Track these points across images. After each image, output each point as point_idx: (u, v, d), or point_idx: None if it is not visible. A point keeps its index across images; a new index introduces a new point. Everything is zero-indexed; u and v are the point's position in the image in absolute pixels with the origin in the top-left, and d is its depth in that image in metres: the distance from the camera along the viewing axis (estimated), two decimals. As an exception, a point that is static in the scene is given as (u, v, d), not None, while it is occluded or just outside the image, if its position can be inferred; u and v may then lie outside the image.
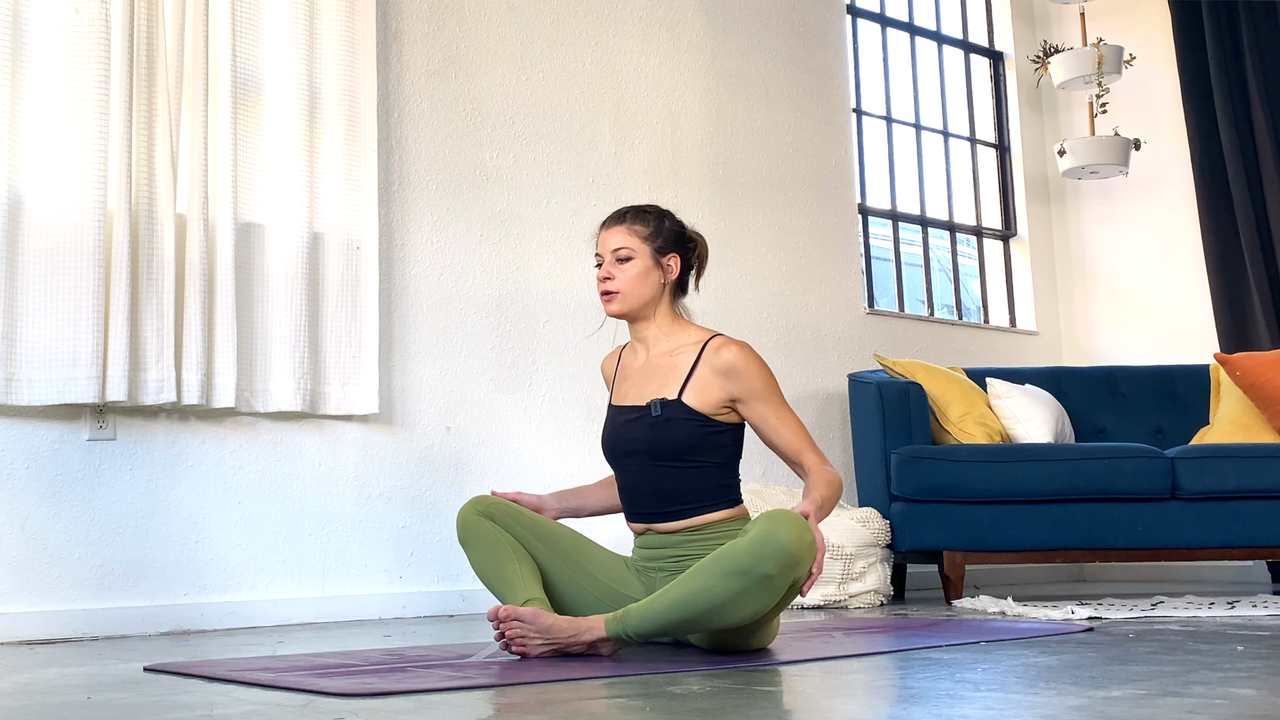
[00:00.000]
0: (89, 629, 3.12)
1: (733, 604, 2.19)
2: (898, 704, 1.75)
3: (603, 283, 2.52)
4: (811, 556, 2.21)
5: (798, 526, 2.18)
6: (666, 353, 2.54)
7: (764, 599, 2.20)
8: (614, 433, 2.56)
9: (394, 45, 3.91)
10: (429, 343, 3.86)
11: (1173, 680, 1.85)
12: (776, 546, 2.15)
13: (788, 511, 2.21)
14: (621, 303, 2.52)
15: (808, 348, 4.82)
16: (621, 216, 2.55)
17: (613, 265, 2.52)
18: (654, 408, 2.47)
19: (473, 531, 2.55)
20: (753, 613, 2.22)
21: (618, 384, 2.63)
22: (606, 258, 2.53)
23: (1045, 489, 3.95)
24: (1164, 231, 5.62)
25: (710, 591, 2.19)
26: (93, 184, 3.14)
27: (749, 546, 2.18)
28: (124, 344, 3.13)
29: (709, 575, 2.20)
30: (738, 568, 2.17)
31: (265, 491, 3.48)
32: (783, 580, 2.18)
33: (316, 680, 1.98)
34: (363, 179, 3.67)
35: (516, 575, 2.49)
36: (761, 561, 2.16)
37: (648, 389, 2.52)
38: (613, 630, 2.28)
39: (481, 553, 2.54)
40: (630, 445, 2.51)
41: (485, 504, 2.57)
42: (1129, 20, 5.76)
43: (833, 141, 5.07)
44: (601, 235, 2.57)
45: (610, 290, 2.51)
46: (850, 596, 3.88)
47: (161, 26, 3.32)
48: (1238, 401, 4.40)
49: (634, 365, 2.60)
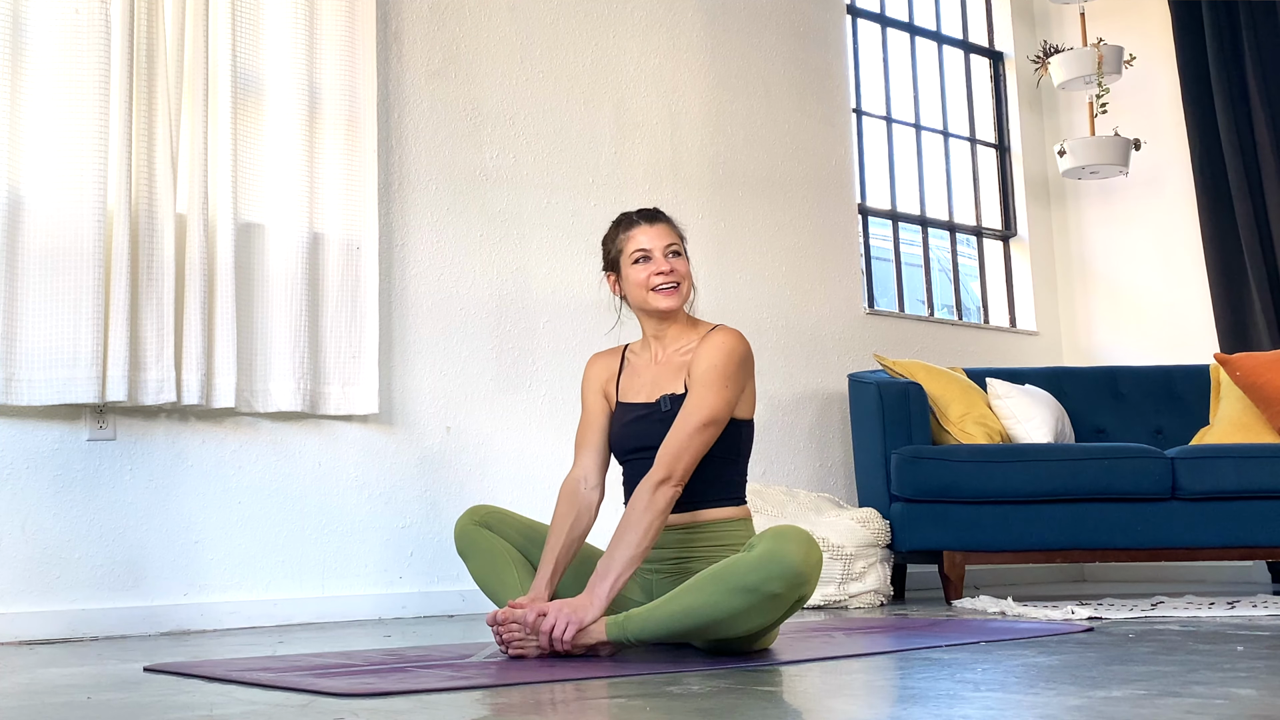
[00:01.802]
0: (89, 629, 3.12)
1: (737, 619, 2.19)
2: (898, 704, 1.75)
3: (666, 275, 2.51)
4: (818, 572, 2.20)
5: (805, 544, 2.18)
6: (678, 350, 2.57)
7: (769, 615, 2.21)
8: (623, 429, 2.56)
9: (394, 45, 3.91)
10: (429, 343, 3.86)
11: (1173, 680, 1.85)
12: (784, 566, 2.15)
13: (795, 528, 2.21)
14: (680, 296, 2.53)
15: (808, 348, 4.82)
16: (658, 214, 2.58)
17: (669, 260, 2.53)
18: (664, 403, 2.50)
19: (470, 541, 2.57)
20: (756, 626, 2.23)
21: (626, 381, 2.62)
22: (657, 252, 2.53)
23: (1045, 489, 3.95)
24: (1164, 231, 5.62)
25: (715, 606, 2.19)
26: (93, 184, 3.14)
27: (756, 564, 2.17)
28: (124, 344, 3.13)
29: (714, 590, 2.19)
30: (744, 585, 2.17)
31: (265, 491, 3.48)
32: (789, 598, 2.19)
33: (316, 680, 1.98)
34: (363, 179, 3.67)
35: (515, 582, 2.51)
36: (769, 581, 2.16)
37: (658, 386, 2.54)
38: (613, 634, 2.28)
39: (480, 561, 2.56)
40: (640, 441, 2.51)
41: (481, 513, 2.59)
42: (1129, 20, 5.76)
43: (833, 141, 5.07)
44: (645, 230, 2.55)
45: (675, 282, 2.52)
46: (850, 596, 3.88)
47: (161, 26, 3.32)
48: (1238, 401, 4.40)
49: (644, 363, 2.61)
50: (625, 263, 2.56)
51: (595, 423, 2.62)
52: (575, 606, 2.28)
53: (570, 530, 2.49)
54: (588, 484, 2.56)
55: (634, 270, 2.54)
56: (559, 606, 2.28)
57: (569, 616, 2.26)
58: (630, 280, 2.55)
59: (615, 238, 2.59)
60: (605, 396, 2.65)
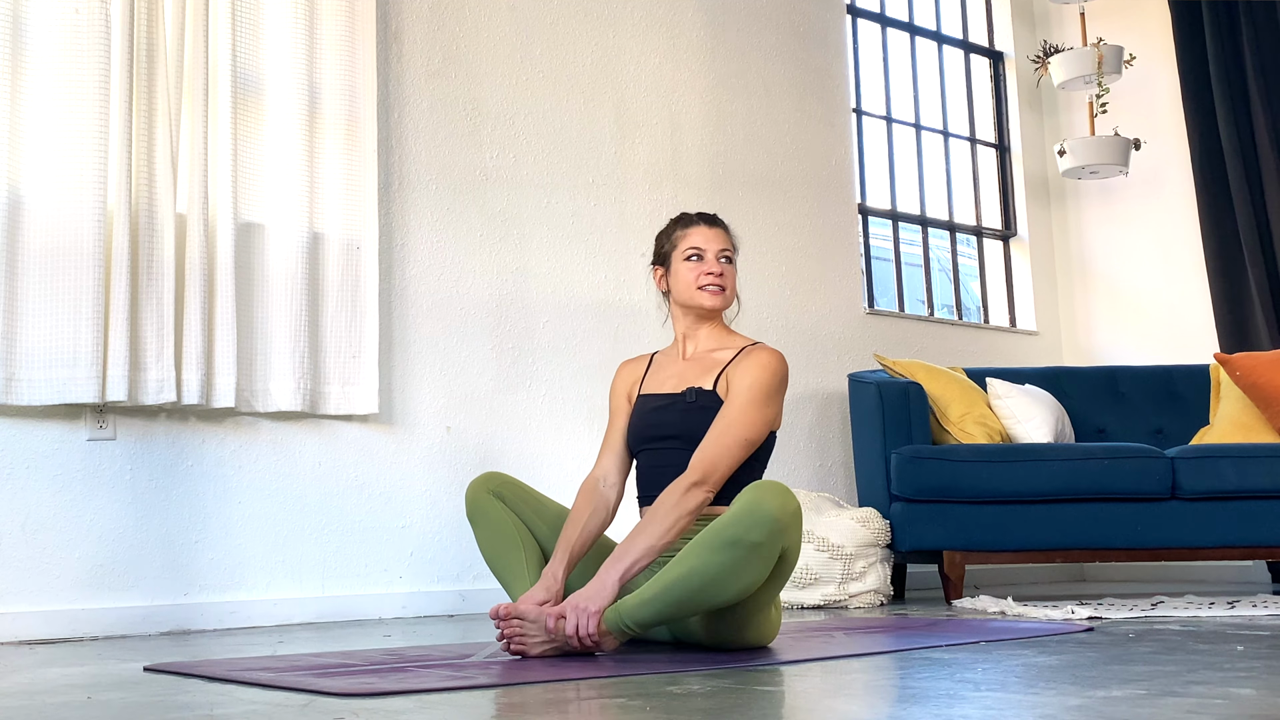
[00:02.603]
0: (89, 629, 3.12)
1: (725, 578, 2.21)
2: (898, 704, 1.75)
3: (717, 277, 2.60)
4: (798, 523, 2.26)
5: (782, 494, 2.24)
6: (709, 350, 2.63)
7: (756, 569, 2.23)
8: (644, 417, 2.60)
9: (394, 45, 3.91)
10: (429, 343, 3.86)
11: (1173, 680, 1.85)
12: (762, 514, 2.20)
13: (770, 481, 2.27)
14: (726, 299, 2.62)
15: (808, 348, 4.82)
16: (720, 221, 2.68)
17: (719, 263, 2.62)
18: (689, 394, 2.55)
19: (480, 510, 2.60)
20: (746, 586, 2.24)
21: (651, 378, 2.67)
22: (711, 254, 2.61)
23: (1045, 489, 3.95)
24: (1164, 231, 5.62)
25: (702, 568, 2.21)
26: (93, 184, 3.14)
27: (735, 517, 2.22)
28: (124, 344, 3.13)
29: (698, 553, 2.23)
30: (726, 539, 2.21)
31: (265, 491, 3.48)
32: (771, 548, 2.22)
33: (316, 680, 1.98)
34: (363, 179, 3.67)
35: (521, 565, 2.53)
36: (749, 530, 2.20)
37: (685, 379, 2.59)
38: (611, 623, 2.28)
39: (488, 533, 2.59)
40: (662, 429, 2.56)
41: (496, 482, 2.62)
42: (1129, 20, 5.76)
43: (833, 141, 5.07)
44: (702, 230, 2.64)
45: (722, 285, 2.61)
46: (850, 596, 3.88)
47: (161, 26, 3.32)
48: (1238, 401, 4.40)
49: (671, 360, 2.68)
50: (677, 258, 2.64)
51: (618, 425, 2.69)
52: (587, 598, 2.28)
53: (587, 523, 2.53)
54: (607, 483, 2.62)
55: (684, 266, 2.62)
56: (573, 605, 2.28)
57: (583, 610, 2.27)
58: (679, 276, 2.63)
59: (671, 233, 2.68)
60: (629, 399, 2.71)
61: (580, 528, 2.52)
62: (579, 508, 2.56)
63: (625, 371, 2.75)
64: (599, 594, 2.28)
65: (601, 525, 2.57)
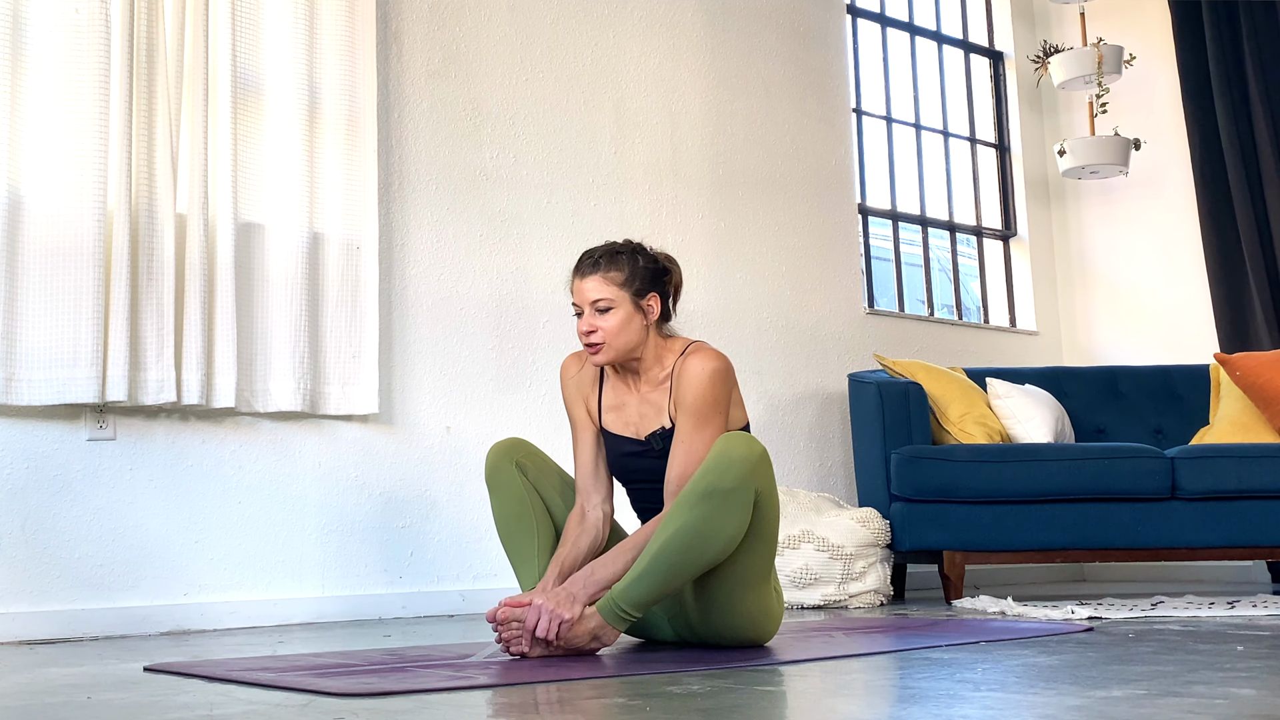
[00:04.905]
0: (89, 629, 3.12)
1: (708, 531, 2.25)
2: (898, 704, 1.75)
3: (586, 335, 2.46)
4: (767, 464, 2.29)
5: (746, 440, 2.29)
6: (656, 375, 2.53)
7: (736, 516, 2.26)
8: (620, 461, 2.57)
9: (394, 45, 3.91)
10: (429, 343, 3.86)
11: (1173, 680, 1.85)
12: (729, 459, 2.26)
13: (734, 431, 2.32)
14: (608, 353, 2.46)
15: (808, 348, 4.82)
16: (595, 264, 2.47)
17: (594, 316, 2.46)
18: (654, 441, 2.50)
19: (501, 479, 2.56)
20: (731, 536, 2.27)
21: (609, 401, 2.58)
22: (586, 309, 2.47)
23: (1045, 489, 3.95)
24: (1164, 231, 5.62)
25: (684, 526, 2.25)
26: (93, 184, 3.14)
27: (706, 470, 2.27)
28: (124, 344, 3.13)
29: (678, 513, 2.27)
30: (700, 492, 2.25)
31: (265, 491, 3.48)
32: (745, 492, 2.26)
33: (316, 680, 1.98)
34: (363, 179, 3.67)
35: (531, 550, 2.53)
36: (721, 478, 2.25)
37: (646, 421, 2.53)
38: (605, 612, 2.28)
39: (503, 506, 2.55)
40: (639, 474, 2.55)
41: (520, 452, 2.57)
42: (1129, 20, 5.76)
43: (833, 141, 5.07)
44: (576, 284, 2.49)
45: (595, 343, 2.46)
46: (850, 596, 3.88)
47: (161, 26, 3.32)
48: (1238, 401, 4.40)
49: (625, 388, 2.57)
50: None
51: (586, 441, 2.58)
52: (557, 602, 2.28)
53: (578, 541, 2.49)
54: (591, 504, 2.55)
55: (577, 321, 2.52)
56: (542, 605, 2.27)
57: (555, 615, 2.27)
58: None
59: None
60: (590, 415, 2.60)
61: (570, 546, 2.48)
62: (569, 531, 2.50)
63: (575, 378, 2.63)
64: (569, 604, 2.29)
65: (593, 542, 2.51)
